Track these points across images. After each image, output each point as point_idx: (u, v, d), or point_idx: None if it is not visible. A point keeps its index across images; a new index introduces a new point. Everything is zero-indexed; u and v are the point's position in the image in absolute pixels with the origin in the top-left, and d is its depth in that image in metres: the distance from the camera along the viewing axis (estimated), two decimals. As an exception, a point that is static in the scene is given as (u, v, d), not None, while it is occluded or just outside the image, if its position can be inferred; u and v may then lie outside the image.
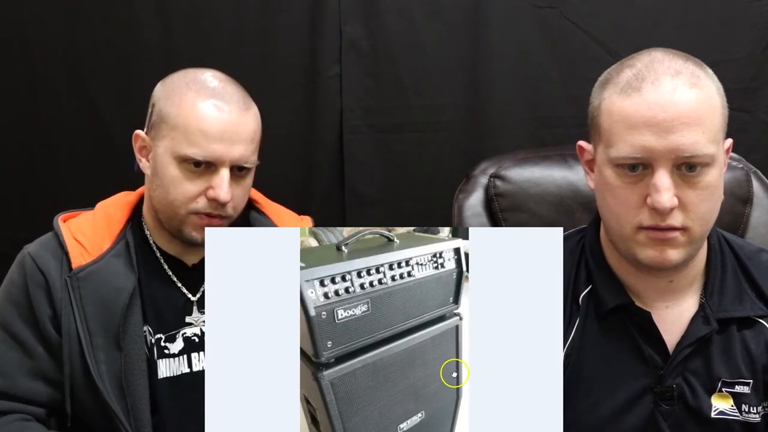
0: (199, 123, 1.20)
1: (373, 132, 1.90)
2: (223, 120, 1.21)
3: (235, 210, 1.25)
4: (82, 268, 1.23)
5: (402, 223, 1.90)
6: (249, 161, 1.24)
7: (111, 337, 1.22)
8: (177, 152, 1.21)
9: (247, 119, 1.23)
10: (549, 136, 1.87)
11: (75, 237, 1.26)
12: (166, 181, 1.23)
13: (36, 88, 1.91)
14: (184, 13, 1.88)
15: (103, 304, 1.22)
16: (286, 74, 1.88)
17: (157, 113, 1.24)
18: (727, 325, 1.12)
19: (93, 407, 1.22)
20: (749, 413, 1.11)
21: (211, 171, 1.22)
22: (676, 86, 1.03)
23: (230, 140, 1.20)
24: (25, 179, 1.93)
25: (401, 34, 1.87)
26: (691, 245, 1.07)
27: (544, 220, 1.45)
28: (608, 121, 1.07)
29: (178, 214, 1.23)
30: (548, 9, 1.85)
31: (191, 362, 1.28)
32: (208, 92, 1.22)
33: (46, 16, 1.88)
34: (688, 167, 1.03)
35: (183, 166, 1.21)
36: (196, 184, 1.22)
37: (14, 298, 1.25)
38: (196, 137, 1.20)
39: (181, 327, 1.28)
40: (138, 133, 1.29)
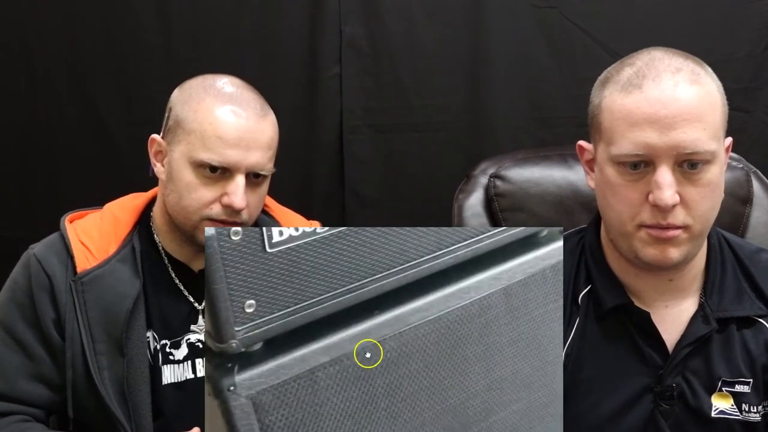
0: (216, 128, 1.18)
1: (373, 132, 1.90)
2: (240, 126, 1.19)
3: (250, 217, 1.24)
4: (87, 273, 1.22)
5: (402, 223, 1.90)
6: (265, 168, 1.22)
7: (114, 342, 1.21)
8: (193, 157, 1.19)
9: (264, 126, 1.22)
10: (549, 136, 1.87)
11: (81, 240, 1.25)
12: (181, 186, 1.21)
13: (36, 88, 1.90)
14: (184, 13, 1.87)
15: (106, 309, 1.21)
16: (286, 74, 1.88)
17: (174, 118, 1.22)
18: (726, 324, 1.12)
19: (94, 411, 1.21)
20: (749, 413, 1.11)
21: (226, 177, 1.19)
22: (677, 83, 1.03)
23: (247, 146, 1.19)
24: (25, 179, 1.93)
25: (401, 34, 1.87)
26: (692, 243, 1.07)
27: (544, 220, 1.44)
28: (609, 119, 1.07)
29: (191, 219, 1.22)
30: (548, 9, 1.85)
31: (195, 368, 1.27)
32: (225, 98, 1.21)
33: (46, 16, 1.88)
34: (689, 164, 1.03)
35: (198, 172, 1.20)
36: (211, 190, 1.20)
37: (18, 299, 1.23)
38: (212, 143, 1.18)
39: (186, 333, 1.28)
40: (154, 138, 1.26)
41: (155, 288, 1.26)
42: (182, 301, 1.28)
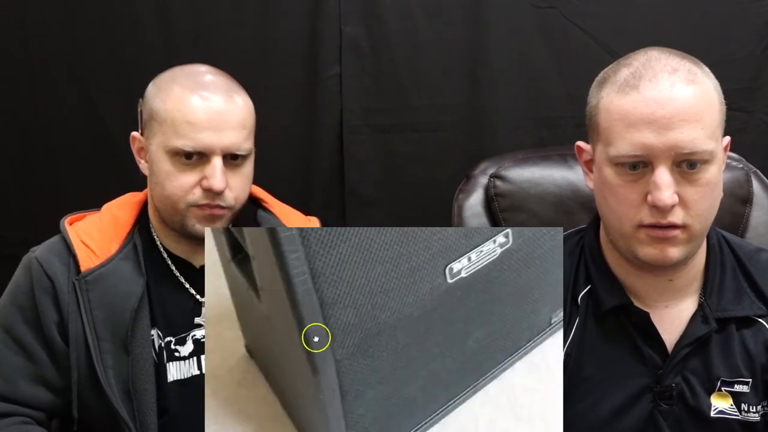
0: (185, 114, 1.19)
1: (373, 132, 1.90)
2: (209, 108, 1.20)
3: (236, 200, 1.24)
4: (91, 271, 1.22)
5: (402, 223, 1.90)
6: (241, 148, 1.22)
7: (119, 341, 1.21)
8: (168, 146, 1.21)
9: (233, 107, 1.22)
10: (549, 136, 1.87)
11: (82, 240, 1.25)
12: (162, 177, 1.22)
13: (36, 88, 1.90)
14: (184, 14, 1.87)
15: (111, 307, 1.21)
16: (286, 74, 1.88)
17: (148, 112, 1.24)
18: (726, 324, 1.12)
19: (99, 411, 1.22)
20: (749, 412, 1.11)
21: (203, 162, 1.20)
22: (673, 83, 1.03)
23: (218, 128, 1.20)
24: (25, 179, 1.93)
25: (401, 34, 1.87)
26: (692, 243, 1.07)
27: (544, 220, 1.44)
28: (607, 120, 1.07)
29: (177, 208, 1.22)
30: (548, 9, 1.85)
31: (201, 364, 1.28)
32: (192, 85, 1.22)
33: (46, 16, 1.88)
34: (688, 164, 1.03)
35: (175, 160, 1.21)
36: (189, 177, 1.21)
37: (19, 302, 1.23)
38: (183, 129, 1.19)
39: (191, 329, 1.28)
40: (134, 135, 1.29)
41: (158, 285, 1.26)
42: (185, 295, 1.28)
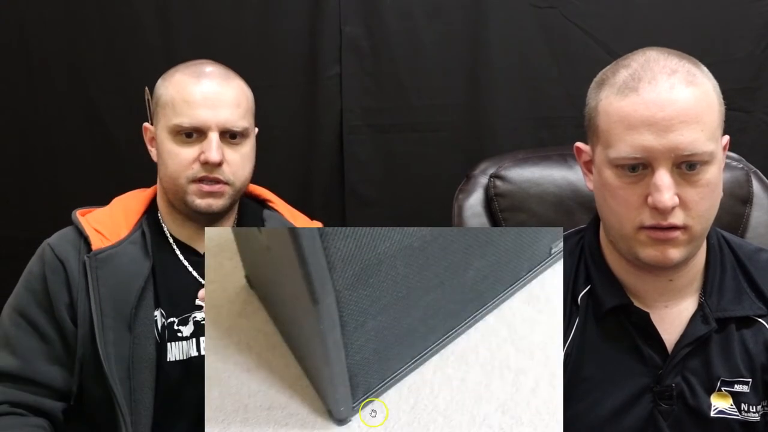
0: (183, 94, 1.29)
1: (373, 132, 1.90)
2: (205, 88, 1.30)
3: (235, 176, 1.31)
4: (102, 251, 1.29)
5: (402, 223, 1.90)
6: (237, 125, 1.30)
7: (122, 319, 1.26)
8: (169, 125, 1.29)
9: (228, 88, 1.31)
10: (549, 136, 1.87)
11: (93, 227, 1.32)
12: (166, 156, 1.31)
13: (36, 88, 1.91)
14: (184, 13, 1.88)
15: (117, 287, 1.27)
16: (286, 74, 1.89)
17: (155, 101, 1.33)
18: (726, 324, 1.12)
19: (97, 391, 1.26)
20: (748, 412, 1.11)
21: (202, 139, 1.29)
22: (673, 85, 1.03)
23: (213, 105, 1.28)
24: (25, 179, 1.93)
25: (401, 34, 1.87)
26: (692, 243, 1.07)
27: (544, 220, 1.44)
28: (606, 122, 1.07)
29: (179, 184, 1.30)
30: (548, 9, 1.85)
31: (200, 346, 1.32)
32: (191, 70, 1.32)
33: (46, 16, 1.88)
34: (688, 166, 1.03)
35: (177, 139, 1.29)
36: (189, 152, 1.29)
37: (32, 286, 1.29)
38: (181, 107, 1.28)
39: (193, 311, 1.32)
40: (146, 126, 1.37)
41: (163, 268, 1.32)
42: (189, 278, 1.34)
